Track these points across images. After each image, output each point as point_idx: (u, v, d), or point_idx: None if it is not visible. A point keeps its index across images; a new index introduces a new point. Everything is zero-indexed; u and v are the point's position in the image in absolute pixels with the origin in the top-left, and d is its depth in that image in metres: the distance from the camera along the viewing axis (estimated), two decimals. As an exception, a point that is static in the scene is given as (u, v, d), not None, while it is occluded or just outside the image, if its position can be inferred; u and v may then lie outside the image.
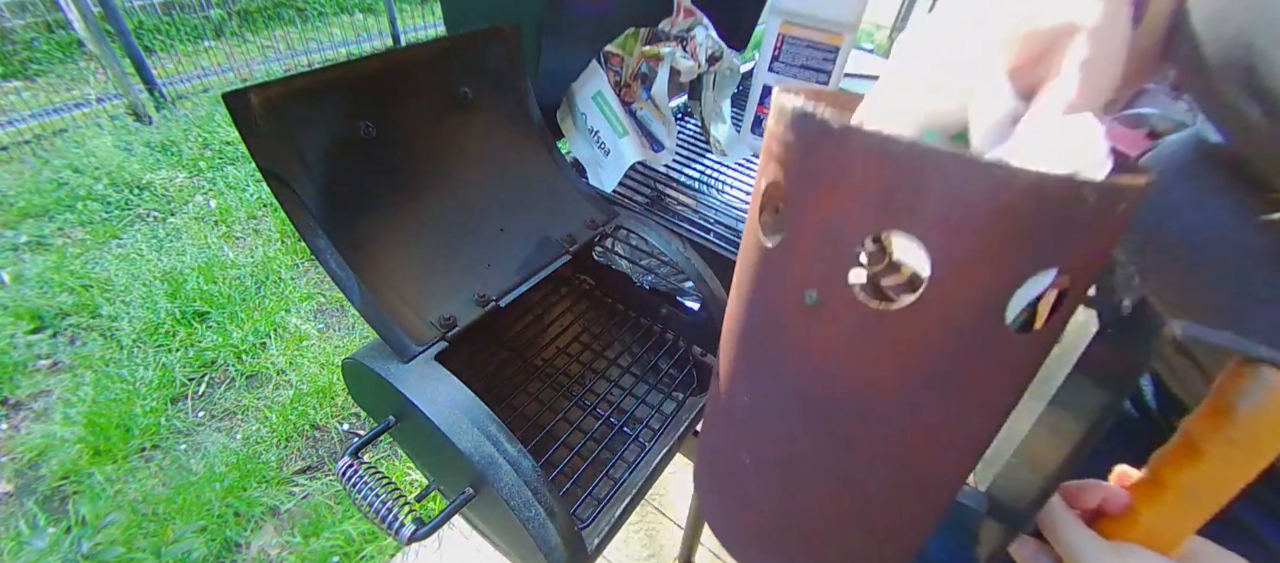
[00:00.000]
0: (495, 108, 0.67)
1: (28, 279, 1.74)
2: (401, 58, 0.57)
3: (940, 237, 0.21)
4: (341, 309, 1.81)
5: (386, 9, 3.53)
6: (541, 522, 0.46)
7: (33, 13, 2.94)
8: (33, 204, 2.01)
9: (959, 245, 0.21)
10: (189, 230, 2.01)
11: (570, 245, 0.66)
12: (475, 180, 0.64)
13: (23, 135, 2.36)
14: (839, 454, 0.28)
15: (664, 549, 1.28)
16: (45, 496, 1.27)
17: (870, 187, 0.22)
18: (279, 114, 0.47)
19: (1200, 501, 0.25)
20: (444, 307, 0.56)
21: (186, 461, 1.36)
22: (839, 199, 0.23)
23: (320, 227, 0.50)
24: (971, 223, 0.20)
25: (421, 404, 0.47)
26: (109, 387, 1.46)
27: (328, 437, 1.45)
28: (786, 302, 0.26)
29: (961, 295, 0.22)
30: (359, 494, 0.46)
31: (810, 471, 0.30)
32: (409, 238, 0.57)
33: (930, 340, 0.23)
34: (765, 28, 0.95)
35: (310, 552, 1.20)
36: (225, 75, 3.04)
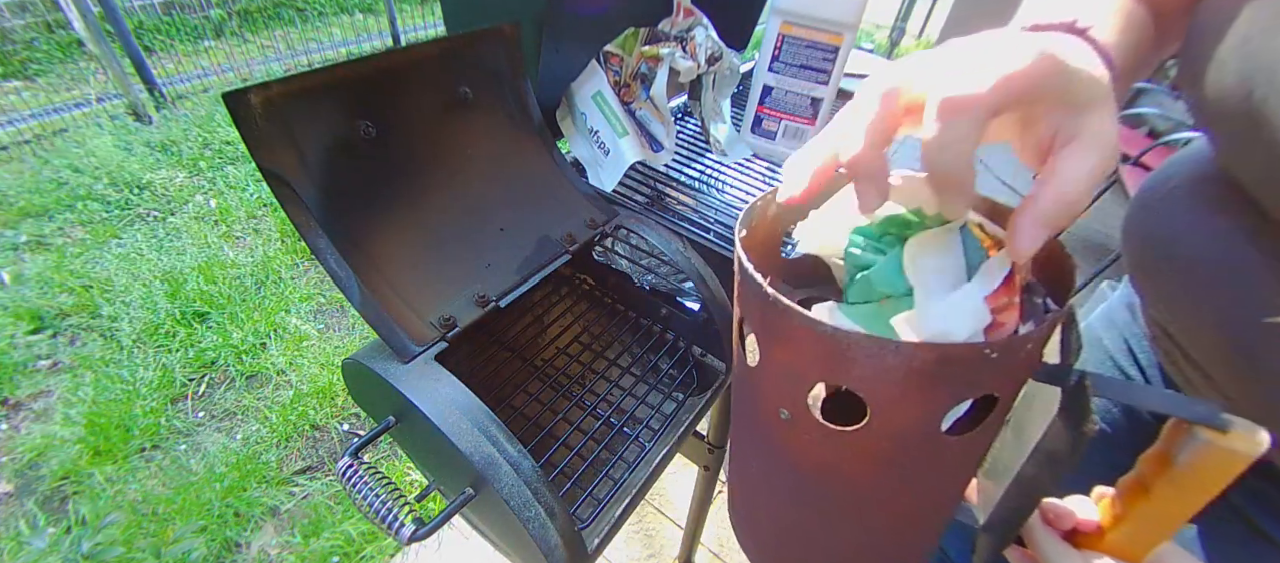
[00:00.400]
0: (495, 108, 0.67)
1: (28, 279, 1.74)
2: (401, 58, 0.57)
3: (870, 389, 0.27)
4: (341, 309, 1.81)
5: (386, 9, 3.53)
6: (541, 522, 0.46)
7: (33, 13, 2.94)
8: (33, 204, 2.01)
9: (886, 393, 0.27)
10: (189, 230, 2.01)
11: (570, 245, 0.66)
12: (475, 180, 0.64)
13: (23, 135, 2.36)
14: (829, 520, 0.36)
15: (664, 549, 1.28)
16: (45, 496, 1.27)
17: (812, 351, 0.28)
18: (279, 114, 0.47)
19: (1153, 528, 0.30)
20: (444, 307, 0.56)
21: (186, 461, 1.35)
22: (791, 353, 0.29)
23: (320, 227, 0.50)
24: (893, 381, 0.26)
25: (421, 404, 0.47)
26: (109, 387, 1.46)
27: (328, 437, 1.45)
28: (769, 412, 0.32)
29: (897, 422, 0.28)
30: (359, 494, 0.46)
31: (810, 530, 0.37)
32: (409, 238, 0.57)
33: (881, 448, 0.29)
34: (765, 28, 0.95)
35: (310, 552, 1.20)
36: (225, 75, 3.04)
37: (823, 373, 0.29)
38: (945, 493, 0.33)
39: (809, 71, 0.94)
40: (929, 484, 0.32)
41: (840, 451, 0.31)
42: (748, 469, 0.40)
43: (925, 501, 0.33)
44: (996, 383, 0.27)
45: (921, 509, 0.34)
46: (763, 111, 1.01)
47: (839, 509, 0.35)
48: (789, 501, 0.38)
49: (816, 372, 0.29)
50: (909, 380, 0.26)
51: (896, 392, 0.27)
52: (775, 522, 0.40)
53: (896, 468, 0.30)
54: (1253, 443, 0.25)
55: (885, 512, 0.34)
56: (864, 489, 0.32)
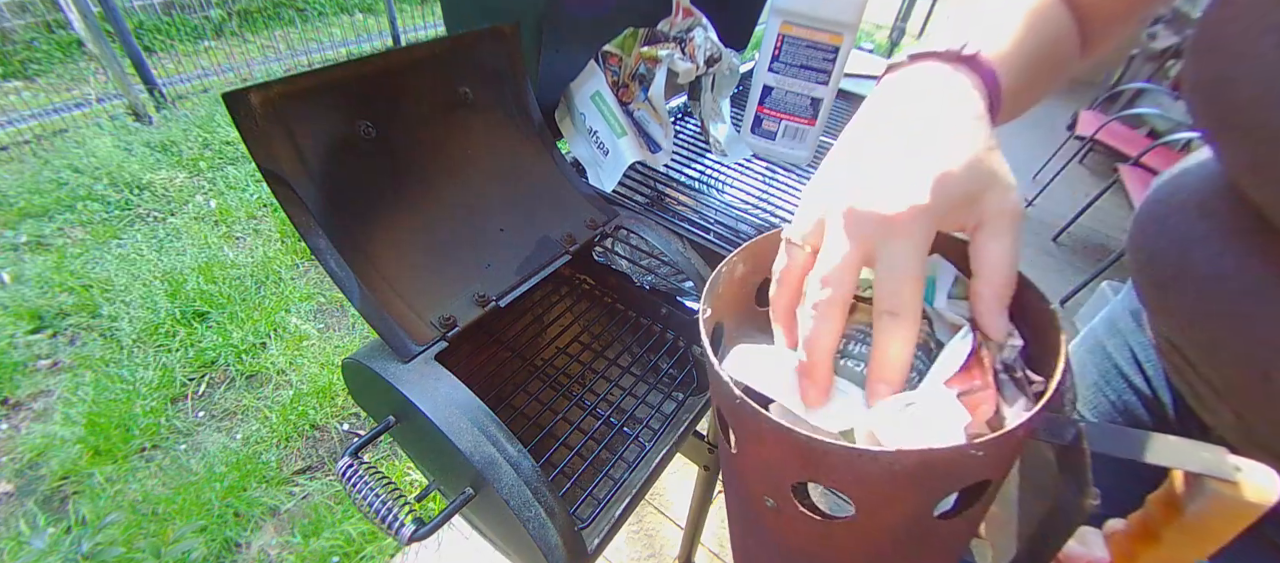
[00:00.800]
0: (495, 108, 0.67)
1: (28, 279, 1.74)
2: (401, 58, 0.57)
3: (852, 491, 0.26)
4: (341, 309, 1.81)
5: (386, 9, 3.53)
6: (541, 522, 0.46)
7: (33, 13, 2.94)
8: (33, 204, 2.01)
9: (871, 494, 0.26)
10: (189, 230, 2.01)
11: (570, 245, 0.66)
12: (475, 180, 0.64)
13: (23, 135, 2.36)
14: None
15: (664, 549, 1.28)
16: (45, 496, 1.27)
17: (787, 453, 0.27)
18: (279, 114, 0.47)
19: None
20: (444, 307, 0.56)
21: (186, 461, 1.35)
22: (768, 452, 0.29)
23: (320, 227, 0.50)
24: (876, 484, 0.26)
25: (421, 404, 0.47)
26: (109, 387, 1.46)
27: (328, 437, 1.45)
28: (755, 498, 0.32)
29: (886, 518, 0.27)
30: (359, 494, 0.46)
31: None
32: (409, 238, 0.57)
33: (870, 540, 0.29)
34: (765, 28, 0.95)
35: (310, 552, 1.20)
36: (225, 75, 3.04)
37: (800, 474, 0.28)
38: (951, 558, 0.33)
39: (809, 71, 0.94)
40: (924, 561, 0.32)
41: (828, 540, 0.30)
42: (744, 544, 0.40)
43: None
44: (987, 471, 0.26)
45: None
46: (763, 111, 1.01)
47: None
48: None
49: (794, 472, 0.28)
50: (894, 484, 0.25)
51: (882, 493, 0.26)
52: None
53: (895, 554, 0.30)
54: (1264, 492, 0.24)
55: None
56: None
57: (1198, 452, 0.25)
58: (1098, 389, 0.59)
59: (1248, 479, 0.24)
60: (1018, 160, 3.35)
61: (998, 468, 0.27)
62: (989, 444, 0.24)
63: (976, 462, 0.24)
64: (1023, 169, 3.28)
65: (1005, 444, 0.24)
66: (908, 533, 0.28)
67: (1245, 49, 0.33)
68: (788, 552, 0.34)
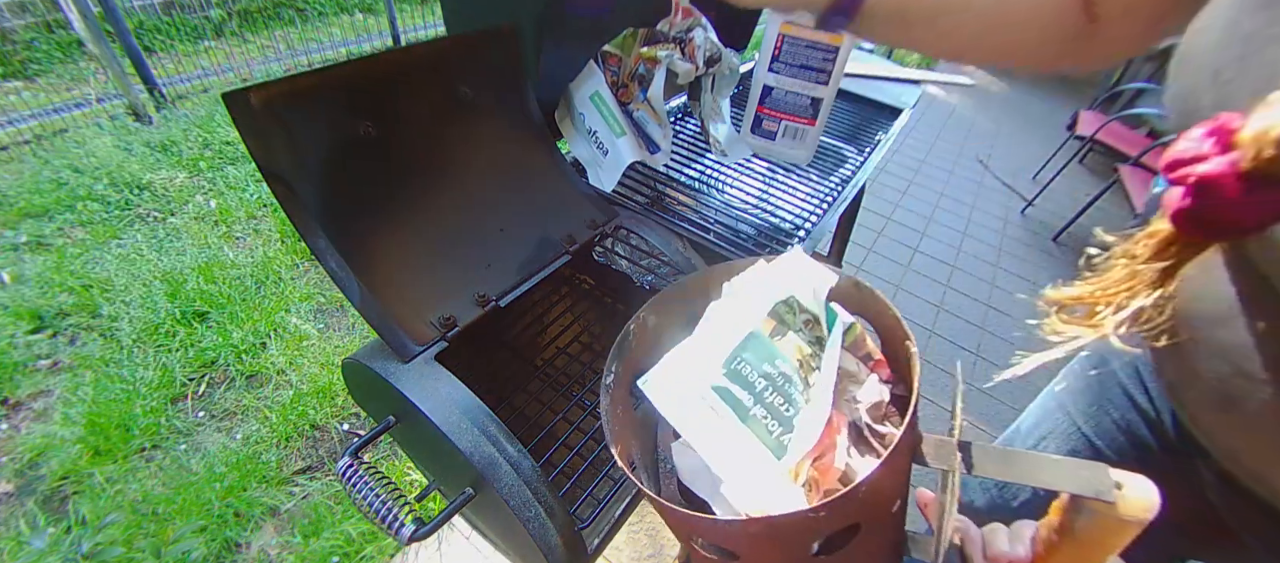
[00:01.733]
0: (495, 108, 0.67)
1: (28, 279, 1.74)
2: (401, 58, 0.57)
3: (730, 546, 0.31)
4: (341, 309, 1.81)
5: (386, 9, 3.52)
6: (541, 522, 0.46)
7: (33, 13, 2.93)
8: (33, 204, 2.00)
9: (745, 548, 0.31)
10: (189, 230, 2.01)
11: (570, 245, 0.66)
12: (475, 180, 0.64)
13: (23, 135, 2.35)
14: None
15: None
16: (45, 496, 1.27)
17: (673, 520, 0.33)
18: (279, 114, 0.47)
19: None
20: (444, 307, 0.56)
21: (186, 461, 1.35)
22: (666, 518, 0.34)
23: (320, 227, 0.50)
24: (743, 542, 0.30)
25: (421, 404, 0.47)
26: (109, 387, 1.46)
27: (328, 437, 1.45)
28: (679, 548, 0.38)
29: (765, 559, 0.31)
30: (359, 494, 0.46)
31: None
32: (409, 238, 0.57)
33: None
34: (765, 28, 0.95)
35: (310, 552, 1.20)
36: (225, 75, 3.04)
37: (688, 537, 0.33)
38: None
39: (809, 71, 0.94)
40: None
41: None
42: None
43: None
44: (849, 520, 0.29)
45: None
46: (763, 111, 1.01)
47: None
48: None
49: (685, 535, 0.33)
50: (756, 543, 0.29)
51: (753, 548, 0.30)
52: None
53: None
54: (1141, 510, 0.25)
55: None
56: None
57: (1079, 471, 0.26)
58: (1100, 409, 0.58)
59: (1124, 498, 0.25)
60: (1018, 160, 3.36)
61: (849, 516, 0.29)
62: (830, 507, 0.27)
63: (821, 521, 0.28)
64: (1023, 169, 3.28)
65: (841, 504, 0.27)
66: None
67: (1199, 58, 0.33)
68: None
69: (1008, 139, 3.69)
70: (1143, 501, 0.25)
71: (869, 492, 0.28)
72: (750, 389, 0.35)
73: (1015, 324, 2.10)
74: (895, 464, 0.29)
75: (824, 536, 0.29)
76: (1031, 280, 2.34)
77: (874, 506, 0.30)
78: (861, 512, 0.29)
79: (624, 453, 0.35)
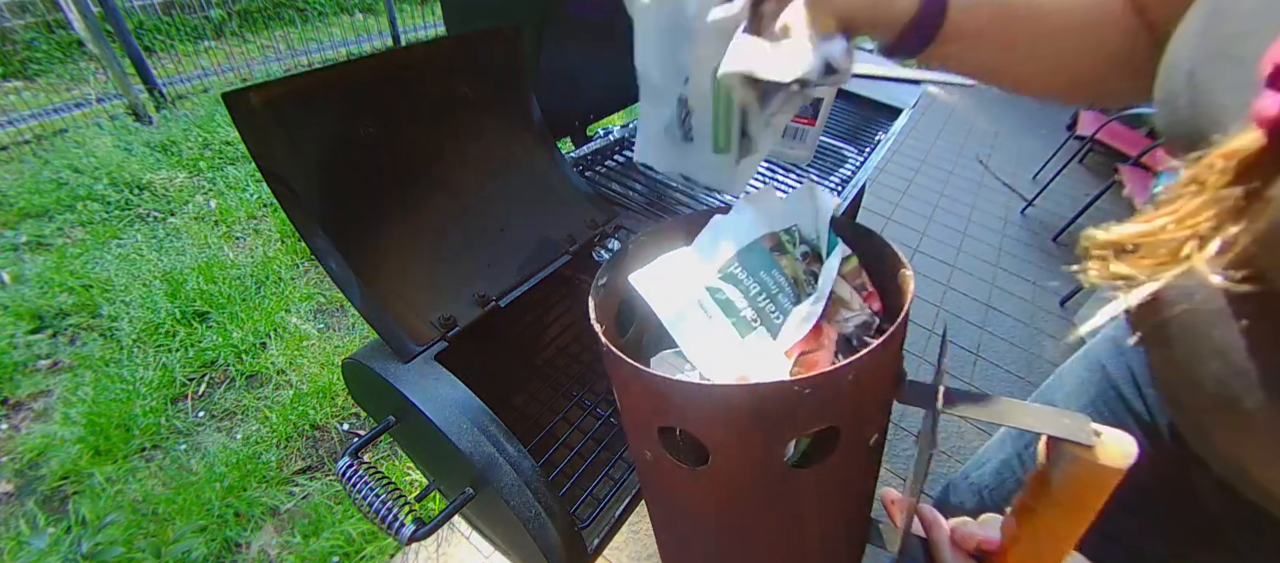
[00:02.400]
0: (495, 108, 0.67)
1: (28, 279, 1.74)
2: (401, 58, 0.57)
3: (704, 433, 0.28)
4: (341, 309, 1.81)
5: (386, 9, 3.52)
6: (541, 522, 0.46)
7: (33, 13, 2.93)
8: (33, 204, 2.00)
9: (719, 434, 0.28)
10: (189, 230, 2.01)
11: (570, 245, 0.66)
12: (475, 180, 0.64)
13: (23, 135, 2.35)
14: (702, 542, 0.36)
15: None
16: (45, 496, 1.27)
17: (645, 398, 0.30)
18: (279, 114, 0.47)
19: (1045, 547, 0.30)
20: (444, 307, 0.56)
21: (186, 461, 1.35)
22: (632, 400, 0.31)
23: (320, 227, 0.50)
24: (721, 423, 0.28)
25: (421, 404, 0.47)
26: (109, 387, 1.46)
27: (328, 437, 1.45)
28: (641, 455, 0.34)
29: (736, 460, 0.29)
30: (359, 494, 0.46)
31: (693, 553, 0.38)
32: (409, 238, 0.57)
33: (730, 484, 0.31)
34: (765, 28, 0.95)
35: (310, 552, 1.20)
36: (225, 75, 3.04)
37: (659, 418, 0.30)
38: (819, 527, 0.33)
39: (809, 71, 0.93)
40: (798, 518, 0.32)
41: (698, 489, 0.32)
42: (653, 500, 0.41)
43: (799, 534, 0.33)
44: (829, 417, 0.28)
45: (800, 544, 0.34)
46: (763, 112, 1.01)
47: (718, 543, 0.35)
48: (678, 533, 0.39)
49: (656, 418, 0.30)
50: (735, 422, 0.27)
51: (729, 433, 0.28)
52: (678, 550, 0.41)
53: (746, 505, 0.31)
54: (1120, 456, 0.25)
55: (761, 544, 0.34)
56: (731, 524, 0.33)
57: (1059, 418, 0.26)
58: (1097, 413, 0.57)
59: (1102, 443, 0.25)
60: (1018, 160, 3.36)
61: (840, 412, 0.28)
62: (815, 382, 0.26)
63: (803, 399, 0.26)
64: (1023, 169, 3.28)
65: (825, 384, 0.26)
66: (764, 479, 0.30)
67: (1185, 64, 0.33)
68: (673, 508, 0.36)
69: (1008, 139, 3.69)
70: (1120, 447, 0.25)
71: (853, 384, 0.27)
72: (744, 292, 0.36)
73: (1015, 324, 2.10)
74: (881, 363, 0.28)
75: (802, 426, 0.28)
76: (1032, 280, 2.33)
77: (855, 408, 0.29)
78: (842, 410, 0.28)
79: (608, 331, 0.33)
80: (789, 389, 0.26)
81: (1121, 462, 0.25)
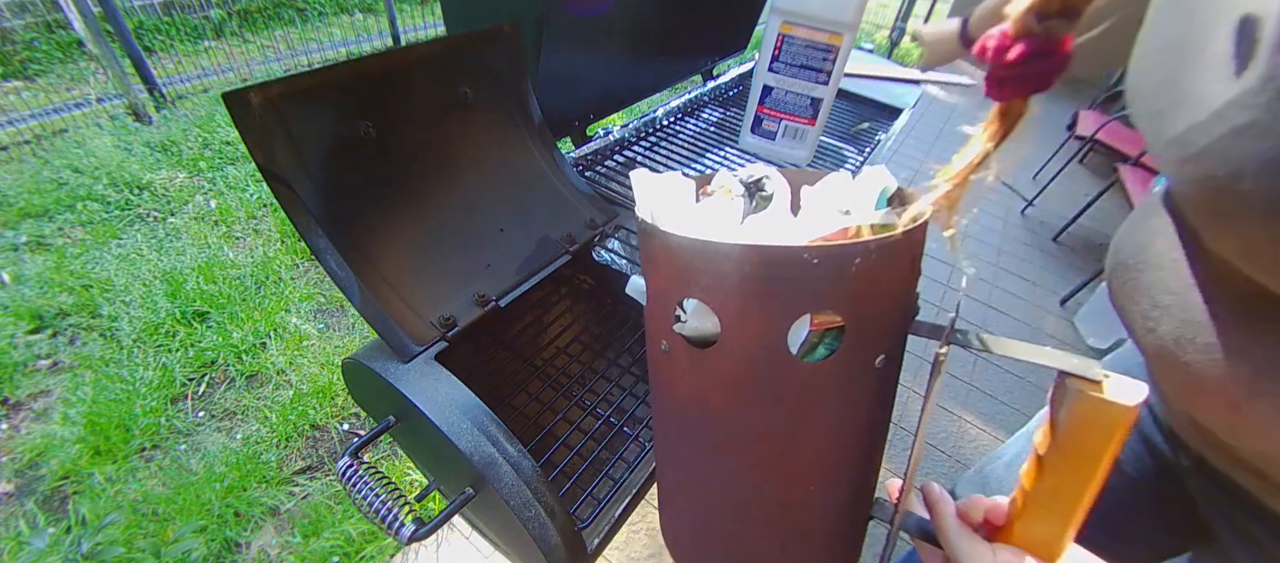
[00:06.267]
0: (495, 108, 0.67)
1: (28, 279, 1.74)
2: (401, 58, 0.57)
3: (715, 299, 0.29)
4: (341, 309, 1.81)
5: (386, 9, 3.52)
6: (541, 522, 0.46)
7: (33, 13, 2.93)
8: (33, 204, 2.00)
9: (730, 304, 0.29)
10: (189, 230, 2.01)
11: (570, 245, 0.66)
12: (475, 180, 0.64)
13: (23, 135, 2.35)
14: (709, 464, 0.36)
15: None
16: (45, 496, 1.27)
17: (668, 268, 0.31)
18: (279, 114, 0.47)
19: (1053, 507, 0.29)
20: (444, 307, 0.56)
21: (186, 461, 1.35)
22: (659, 277, 0.33)
23: (320, 227, 0.50)
24: (730, 288, 0.28)
25: (421, 404, 0.47)
26: (109, 387, 1.46)
27: (328, 437, 1.45)
28: (656, 349, 0.35)
29: (744, 338, 0.30)
30: (359, 494, 0.46)
31: (700, 483, 0.38)
32: (409, 238, 0.57)
33: (736, 369, 0.31)
34: (765, 28, 0.95)
35: (310, 552, 1.20)
36: (225, 75, 3.04)
37: (679, 289, 0.31)
38: (827, 441, 0.33)
39: (809, 71, 0.94)
40: (802, 422, 0.32)
41: (706, 378, 0.33)
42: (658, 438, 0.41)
43: (807, 446, 0.33)
44: (836, 301, 0.28)
45: (802, 466, 0.34)
46: (763, 111, 1.01)
47: (721, 455, 0.35)
48: (680, 460, 0.39)
49: (676, 290, 0.31)
50: (744, 287, 0.28)
51: (739, 301, 0.29)
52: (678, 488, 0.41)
53: (751, 395, 0.31)
54: (1128, 393, 0.24)
55: (763, 458, 0.34)
56: (737, 422, 0.33)
57: (1069, 356, 0.26)
58: None
59: (1112, 382, 0.25)
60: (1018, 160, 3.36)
61: (842, 298, 0.28)
62: (821, 251, 0.26)
63: (815, 272, 0.27)
64: (1023, 169, 3.28)
65: (840, 260, 0.27)
66: (767, 362, 0.30)
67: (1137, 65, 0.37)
68: (677, 402, 0.36)
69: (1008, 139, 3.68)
70: (1129, 386, 0.25)
71: (861, 273, 0.27)
72: None
73: (1015, 324, 2.10)
74: (892, 263, 0.29)
75: (807, 303, 0.28)
76: (1032, 280, 2.33)
77: (863, 306, 0.29)
78: (849, 299, 0.28)
79: None
80: (798, 254, 0.26)
81: (1130, 399, 0.24)
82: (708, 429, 0.35)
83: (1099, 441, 0.25)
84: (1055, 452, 0.27)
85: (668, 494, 0.42)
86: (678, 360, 0.34)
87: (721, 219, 0.38)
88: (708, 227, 0.37)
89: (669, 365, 0.35)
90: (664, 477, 0.42)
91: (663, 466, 0.42)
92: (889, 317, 0.30)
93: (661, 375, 0.37)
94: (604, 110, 1.00)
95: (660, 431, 0.41)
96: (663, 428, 0.40)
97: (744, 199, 0.40)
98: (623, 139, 1.00)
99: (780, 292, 0.28)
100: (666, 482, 0.42)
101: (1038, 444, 0.28)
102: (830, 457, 0.34)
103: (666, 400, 0.38)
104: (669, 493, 0.42)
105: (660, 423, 0.40)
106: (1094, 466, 0.26)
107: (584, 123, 0.97)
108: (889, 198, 0.38)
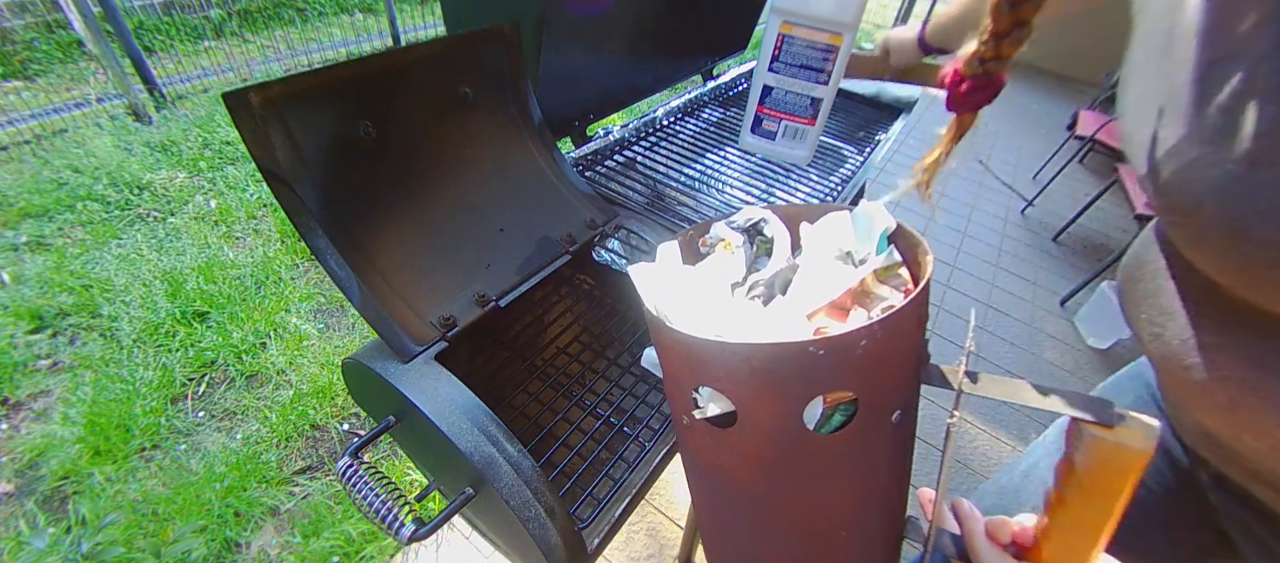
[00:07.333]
0: (495, 108, 0.67)
1: (28, 279, 1.74)
2: (401, 58, 0.57)
3: (728, 387, 0.30)
4: (341, 309, 1.81)
5: (386, 9, 3.52)
6: (541, 522, 0.46)
7: (33, 13, 2.93)
8: (33, 204, 2.00)
9: (743, 392, 0.30)
10: (189, 230, 2.01)
11: (570, 245, 0.66)
12: (475, 180, 0.64)
13: (23, 135, 2.35)
14: (737, 517, 0.38)
15: (664, 549, 1.28)
16: (45, 496, 1.27)
17: (682, 359, 0.32)
18: (279, 114, 0.47)
19: (1077, 536, 0.29)
20: (444, 307, 0.56)
21: (186, 461, 1.35)
22: (673, 363, 0.34)
23: (320, 227, 0.50)
24: (744, 380, 0.29)
25: (421, 404, 0.47)
26: (109, 387, 1.46)
27: (328, 437, 1.45)
28: (680, 421, 0.37)
29: (761, 421, 0.31)
30: (359, 494, 0.46)
31: (730, 528, 0.40)
32: (409, 238, 0.57)
33: (757, 447, 0.32)
34: (765, 28, 0.95)
35: (310, 552, 1.20)
36: (225, 75, 3.04)
37: (693, 378, 0.32)
38: (852, 498, 0.34)
39: (809, 71, 0.94)
40: (826, 485, 0.33)
41: (728, 453, 0.34)
42: (691, 476, 0.43)
43: (833, 504, 0.34)
44: (846, 381, 0.29)
45: (829, 520, 0.35)
46: (763, 111, 1.01)
47: (753, 516, 0.37)
48: (711, 504, 0.41)
49: (690, 378, 0.33)
50: (756, 379, 0.29)
51: (751, 391, 0.30)
52: (711, 523, 0.43)
53: (771, 467, 0.33)
54: (1141, 437, 0.25)
55: (791, 518, 0.35)
56: (762, 489, 0.34)
57: (1077, 401, 0.26)
58: None
59: (1125, 425, 0.25)
60: (1018, 160, 3.36)
61: (856, 379, 0.29)
62: (826, 343, 0.27)
63: (825, 362, 0.28)
64: (1023, 169, 3.28)
65: (838, 346, 0.27)
66: (787, 444, 0.31)
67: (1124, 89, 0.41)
68: (706, 470, 0.38)
69: (1008, 139, 3.69)
70: (1142, 426, 0.25)
71: (868, 351, 0.28)
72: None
73: (1016, 324, 2.10)
74: (897, 334, 0.29)
75: (818, 388, 0.29)
76: (1032, 280, 2.33)
77: (872, 378, 0.29)
78: (858, 376, 0.29)
79: None
80: (803, 349, 0.27)
81: (1143, 444, 0.24)
82: (736, 494, 0.36)
83: (1115, 480, 0.26)
84: (1073, 488, 0.28)
85: (708, 537, 0.44)
86: (700, 436, 0.35)
87: (725, 275, 0.40)
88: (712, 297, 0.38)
89: (692, 437, 0.36)
90: (701, 520, 0.44)
91: (700, 512, 0.43)
92: (900, 380, 0.31)
93: (686, 442, 0.38)
94: (604, 110, 1.00)
95: (693, 482, 0.42)
96: (695, 483, 0.41)
97: (744, 247, 0.42)
98: (623, 139, 1.00)
99: (790, 383, 0.29)
100: (705, 526, 0.44)
101: (1058, 479, 0.29)
102: (858, 506, 0.35)
103: (694, 464, 0.39)
104: (708, 536, 0.44)
105: (691, 476, 0.42)
106: (1113, 501, 0.27)
107: (584, 123, 0.97)
108: (890, 236, 0.39)
